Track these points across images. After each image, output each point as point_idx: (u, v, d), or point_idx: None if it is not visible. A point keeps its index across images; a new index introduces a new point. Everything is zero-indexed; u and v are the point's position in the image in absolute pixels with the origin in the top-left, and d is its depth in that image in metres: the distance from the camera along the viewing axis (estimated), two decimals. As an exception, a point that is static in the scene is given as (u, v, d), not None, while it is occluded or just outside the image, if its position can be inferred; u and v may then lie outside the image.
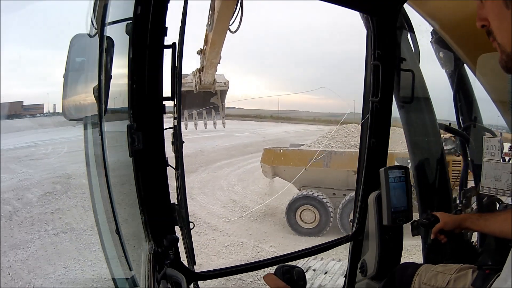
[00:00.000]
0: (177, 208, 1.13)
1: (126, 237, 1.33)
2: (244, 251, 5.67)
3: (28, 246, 5.16)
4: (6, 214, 6.08)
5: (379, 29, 1.49)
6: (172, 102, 1.11)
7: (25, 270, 4.59)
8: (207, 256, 5.51)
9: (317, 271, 4.07)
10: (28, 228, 5.77)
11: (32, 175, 8.00)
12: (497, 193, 1.59)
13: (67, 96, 1.42)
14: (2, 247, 5.05)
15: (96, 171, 1.38)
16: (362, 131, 1.61)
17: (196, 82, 5.75)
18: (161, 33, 0.99)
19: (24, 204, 6.46)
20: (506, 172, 1.51)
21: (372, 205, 1.50)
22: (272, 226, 6.99)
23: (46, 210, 6.34)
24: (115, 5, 1.19)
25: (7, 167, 8.38)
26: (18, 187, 7.22)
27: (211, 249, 5.76)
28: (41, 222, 5.96)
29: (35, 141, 10.53)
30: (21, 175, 7.92)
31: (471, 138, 2.04)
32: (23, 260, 4.81)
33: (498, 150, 1.54)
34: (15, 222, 5.90)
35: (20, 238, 5.44)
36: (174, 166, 1.23)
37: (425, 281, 1.22)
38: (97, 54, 1.19)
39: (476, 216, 1.36)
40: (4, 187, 6.91)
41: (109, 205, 1.30)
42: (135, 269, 1.27)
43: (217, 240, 6.09)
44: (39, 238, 5.46)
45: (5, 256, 4.81)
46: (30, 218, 6.09)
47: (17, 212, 6.23)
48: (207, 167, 10.53)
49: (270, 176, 7.37)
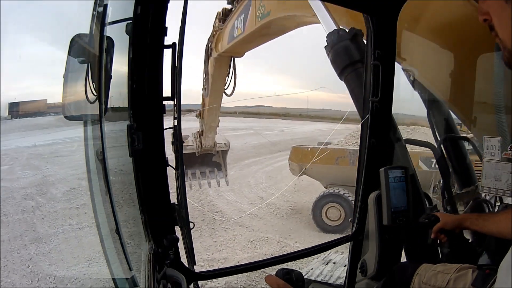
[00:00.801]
0: (177, 208, 1.13)
1: (126, 237, 1.33)
2: (268, 245, 5.70)
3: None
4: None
5: (379, 29, 1.49)
6: (172, 102, 1.11)
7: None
8: (233, 250, 5.58)
9: (337, 264, 4.22)
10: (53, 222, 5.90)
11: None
12: (497, 193, 1.59)
13: (67, 96, 1.42)
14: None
15: (96, 171, 1.38)
16: (362, 131, 1.61)
17: (197, 146, 5.87)
18: (161, 33, 0.99)
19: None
20: (506, 172, 1.51)
21: (372, 205, 1.50)
22: (297, 223, 7.02)
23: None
24: (115, 5, 1.19)
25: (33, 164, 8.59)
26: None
27: (237, 243, 5.84)
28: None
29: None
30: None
31: (449, 148, 2.17)
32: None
33: (498, 150, 1.54)
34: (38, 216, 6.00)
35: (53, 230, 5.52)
36: (174, 166, 1.23)
37: (424, 281, 1.22)
38: (97, 54, 1.19)
39: (476, 216, 1.37)
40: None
41: (109, 205, 1.30)
42: (135, 269, 1.27)
43: (243, 235, 6.13)
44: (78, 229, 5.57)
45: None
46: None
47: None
48: (235, 165, 10.60)
49: (297, 173, 7.37)
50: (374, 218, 1.49)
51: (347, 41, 1.74)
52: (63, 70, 1.34)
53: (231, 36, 4.11)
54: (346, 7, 1.79)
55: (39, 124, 11.69)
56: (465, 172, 2.20)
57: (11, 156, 9.10)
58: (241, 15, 3.78)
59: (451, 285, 1.16)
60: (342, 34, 1.77)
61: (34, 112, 11.06)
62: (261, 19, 3.32)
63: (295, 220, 7.16)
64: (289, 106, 31.98)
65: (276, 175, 9.93)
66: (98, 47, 1.20)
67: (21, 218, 5.89)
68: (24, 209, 6.20)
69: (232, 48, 4.25)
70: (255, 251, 5.55)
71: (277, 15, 3.10)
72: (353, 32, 1.74)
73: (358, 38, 1.73)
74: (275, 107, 33.07)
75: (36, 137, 10.93)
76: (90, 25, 1.29)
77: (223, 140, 6.22)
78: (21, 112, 10.08)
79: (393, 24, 1.51)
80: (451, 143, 2.19)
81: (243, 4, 3.76)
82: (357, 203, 1.61)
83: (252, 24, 3.52)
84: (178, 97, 1.11)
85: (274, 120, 25.78)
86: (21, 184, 7.31)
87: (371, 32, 1.50)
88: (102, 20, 1.22)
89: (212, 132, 5.86)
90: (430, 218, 1.35)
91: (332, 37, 1.81)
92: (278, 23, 3.25)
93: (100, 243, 1.50)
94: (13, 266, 4.50)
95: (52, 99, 9.03)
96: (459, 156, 2.20)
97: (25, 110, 10.21)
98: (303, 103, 34.04)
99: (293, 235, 6.31)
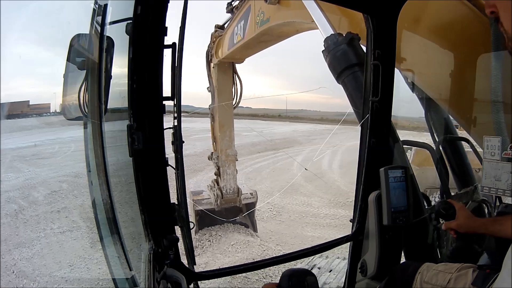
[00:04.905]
0: (177, 208, 1.13)
1: (126, 237, 1.33)
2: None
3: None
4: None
5: (379, 29, 1.49)
6: (172, 102, 1.12)
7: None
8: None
9: (322, 269, 4.14)
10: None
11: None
12: (497, 193, 1.59)
13: (67, 96, 1.43)
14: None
15: (96, 171, 1.38)
16: (362, 131, 1.61)
17: (216, 196, 4.57)
18: (161, 33, 0.99)
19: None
20: (506, 172, 1.51)
21: (372, 205, 1.50)
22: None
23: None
24: (115, 5, 1.19)
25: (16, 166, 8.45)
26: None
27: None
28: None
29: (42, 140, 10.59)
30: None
31: (448, 148, 2.19)
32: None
33: (498, 150, 1.54)
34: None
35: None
36: (174, 166, 1.23)
37: (426, 280, 1.23)
38: (97, 54, 1.19)
39: (491, 221, 1.36)
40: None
41: (109, 205, 1.31)
42: (135, 269, 1.27)
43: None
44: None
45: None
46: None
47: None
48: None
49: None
50: (374, 218, 1.49)
51: (344, 45, 1.78)
52: (63, 70, 1.34)
53: (231, 42, 4.13)
54: (346, 7, 1.79)
55: (22, 126, 11.63)
56: (463, 172, 2.20)
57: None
58: (241, 21, 3.79)
59: (452, 284, 1.16)
60: (339, 39, 1.81)
61: (17, 114, 11.06)
62: (260, 25, 3.34)
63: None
64: (268, 107, 32.05)
65: (256, 176, 9.81)
66: (98, 47, 1.20)
67: (5, 222, 5.80)
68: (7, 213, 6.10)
69: (233, 55, 4.25)
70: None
71: (276, 22, 3.10)
72: (350, 36, 1.77)
73: (354, 42, 1.76)
74: (254, 108, 33.04)
75: (19, 139, 10.87)
76: (90, 25, 1.29)
77: (248, 190, 5.07)
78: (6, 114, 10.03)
79: (393, 24, 1.51)
80: (449, 144, 2.20)
81: (242, 11, 3.77)
82: (357, 203, 1.61)
83: (251, 30, 3.54)
84: (178, 97, 1.12)
85: (253, 121, 25.63)
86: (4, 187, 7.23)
87: (371, 32, 1.50)
88: (102, 20, 1.22)
89: (231, 165, 4.69)
90: (448, 210, 1.32)
91: (329, 41, 1.84)
92: (277, 30, 3.26)
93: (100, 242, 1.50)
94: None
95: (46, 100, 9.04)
96: (457, 157, 2.21)
97: (9, 112, 10.15)
98: (282, 103, 34.24)
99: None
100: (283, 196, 7.55)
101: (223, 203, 4.64)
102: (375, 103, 1.54)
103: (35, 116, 10.34)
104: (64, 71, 1.34)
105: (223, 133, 4.60)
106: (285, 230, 5.89)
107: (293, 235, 5.67)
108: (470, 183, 2.12)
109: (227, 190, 4.65)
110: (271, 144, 9.19)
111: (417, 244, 1.68)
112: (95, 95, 1.27)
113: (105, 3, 1.23)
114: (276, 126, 23.47)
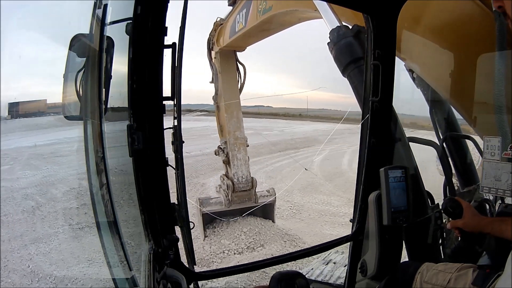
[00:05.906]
0: (177, 208, 1.13)
1: (126, 237, 1.33)
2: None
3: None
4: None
5: (379, 29, 1.49)
6: (172, 102, 1.12)
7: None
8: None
9: (337, 264, 4.17)
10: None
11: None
12: (497, 193, 1.58)
13: (67, 95, 1.42)
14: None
15: (96, 171, 1.38)
16: (362, 131, 1.61)
17: (227, 187, 3.93)
18: (161, 33, 0.99)
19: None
20: (506, 172, 1.51)
21: (372, 205, 1.50)
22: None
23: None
24: (115, 5, 1.19)
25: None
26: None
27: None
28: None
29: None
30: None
31: (451, 146, 2.15)
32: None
33: (498, 150, 1.54)
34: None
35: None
36: (174, 166, 1.23)
37: (426, 280, 1.23)
38: (97, 54, 1.19)
39: (498, 221, 1.32)
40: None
41: (109, 205, 1.31)
42: (135, 269, 1.27)
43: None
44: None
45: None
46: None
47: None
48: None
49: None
50: (374, 218, 1.49)
51: (351, 38, 1.72)
52: (63, 70, 1.34)
53: (232, 30, 4.09)
54: (346, 7, 1.78)
55: (39, 124, 11.71)
56: (467, 170, 2.18)
57: (11, 156, 9.11)
58: (243, 9, 3.77)
59: (452, 284, 1.16)
60: (345, 31, 1.75)
61: (34, 112, 11.12)
62: (262, 14, 3.31)
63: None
64: (289, 106, 32.12)
65: (276, 175, 9.90)
66: (98, 47, 1.20)
67: (21, 218, 5.88)
68: (24, 209, 6.19)
69: (234, 42, 4.20)
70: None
71: (278, 10, 3.08)
72: (356, 29, 1.71)
73: (361, 35, 1.70)
74: (274, 107, 33.09)
75: (36, 137, 10.95)
76: (90, 25, 1.29)
77: (265, 188, 4.46)
78: (21, 112, 10.12)
79: (393, 24, 1.51)
80: (453, 141, 2.18)
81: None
82: (357, 203, 1.61)
83: (253, 19, 3.51)
84: (178, 97, 1.12)
85: (273, 120, 25.82)
86: (21, 184, 7.31)
87: (371, 32, 1.50)
88: (102, 20, 1.22)
89: (241, 149, 4.08)
90: (454, 208, 1.30)
91: (335, 33, 1.78)
92: (280, 18, 3.23)
93: (100, 243, 1.50)
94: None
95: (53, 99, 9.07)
96: (461, 155, 2.18)
97: (25, 110, 10.26)
98: (302, 103, 34.23)
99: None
100: (303, 195, 7.58)
101: (235, 200, 3.97)
102: (375, 103, 1.54)
103: (53, 114, 10.42)
104: (64, 71, 1.34)
105: (230, 114, 4.11)
106: (304, 228, 5.87)
107: (312, 233, 5.65)
108: (473, 182, 2.11)
109: (239, 178, 4.02)
110: (291, 143, 9.09)
111: (421, 243, 1.67)
112: (95, 95, 1.27)
113: (105, 3, 1.23)
114: (296, 125, 23.48)
